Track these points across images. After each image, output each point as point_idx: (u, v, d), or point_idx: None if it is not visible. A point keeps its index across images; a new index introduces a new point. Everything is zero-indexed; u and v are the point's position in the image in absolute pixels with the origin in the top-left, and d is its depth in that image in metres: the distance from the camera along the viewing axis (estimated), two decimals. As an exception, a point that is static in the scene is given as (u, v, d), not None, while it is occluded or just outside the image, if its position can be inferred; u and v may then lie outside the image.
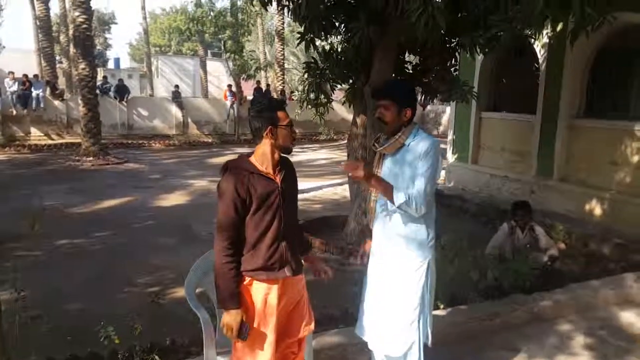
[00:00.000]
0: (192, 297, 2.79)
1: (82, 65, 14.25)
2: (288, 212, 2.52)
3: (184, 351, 3.59)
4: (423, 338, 2.80)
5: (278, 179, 2.48)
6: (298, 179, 2.69)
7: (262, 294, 2.48)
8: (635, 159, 6.93)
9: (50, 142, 17.76)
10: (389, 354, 2.80)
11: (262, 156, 2.47)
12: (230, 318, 2.40)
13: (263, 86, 23.06)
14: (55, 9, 29.42)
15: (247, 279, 2.47)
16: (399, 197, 2.57)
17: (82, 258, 6.21)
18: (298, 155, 16.84)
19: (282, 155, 2.53)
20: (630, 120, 7.17)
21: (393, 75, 6.11)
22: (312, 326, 2.71)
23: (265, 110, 2.44)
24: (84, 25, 14.11)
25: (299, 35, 6.26)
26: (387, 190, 2.62)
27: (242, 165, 2.45)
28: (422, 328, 2.78)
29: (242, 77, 24.28)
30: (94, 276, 5.60)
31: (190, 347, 3.63)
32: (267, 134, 2.43)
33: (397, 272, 2.75)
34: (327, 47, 6.68)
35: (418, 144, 2.65)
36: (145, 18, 35.71)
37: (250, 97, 21.40)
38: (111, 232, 7.28)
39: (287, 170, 2.57)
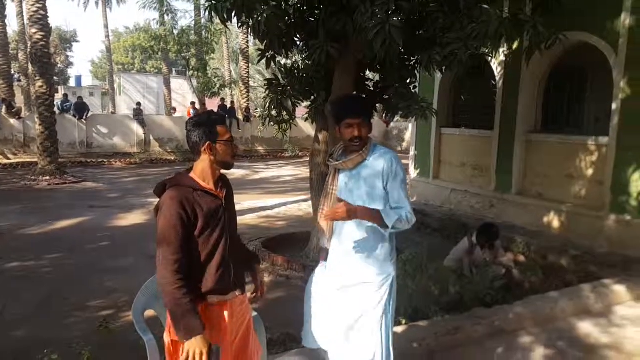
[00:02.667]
0: (140, 320, 2.67)
1: (39, 83, 13.91)
2: (232, 229, 2.42)
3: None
4: (386, 357, 2.76)
5: (222, 195, 2.39)
6: (262, 196, 2.61)
7: (215, 318, 2.34)
8: (590, 172, 7.13)
9: (6, 161, 17.21)
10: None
11: (202, 172, 2.35)
12: (196, 345, 2.16)
13: (228, 104, 22.95)
14: (14, 25, 28.76)
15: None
16: (391, 218, 2.53)
17: (31, 281, 5.96)
18: (263, 172, 16.76)
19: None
20: (585, 135, 7.40)
21: (354, 92, 6.15)
22: (263, 348, 2.63)
23: (203, 125, 2.32)
24: (42, 43, 13.81)
25: (260, 52, 6.26)
26: (374, 216, 2.55)
27: (184, 182, 2.31)
28: (384, 345, 2.73)
29: (206, 95, 24.12)
30: (43, 300, 5.37)
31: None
32: (205, 150, 2.32)
33: (360, 291, 2.70)
34: (289, 65, 6.69)
35: (378, 160, 2.65)
36: (107, 36, 35.35)
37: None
38: (64, 254, 7.02)
39: (227, 186, 2.47)
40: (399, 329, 4.05)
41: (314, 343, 2.85)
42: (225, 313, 2.36)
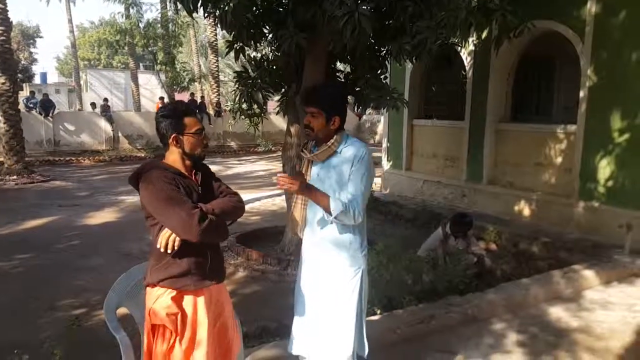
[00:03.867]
0: (112, 318, 2.61)
1: (1, 80, 13.46)
2: None
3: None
4: (359, 349, 2.74)
5: (197, 180, 2.36)
6: (236, 191, 2.54)
7: (191, 305, 2.31)
8: (559, 160, 7.24)
9: (-31, 161, 16.62)
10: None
11: (172, 162, 2.33)
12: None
13: (198, 98, 22.64)
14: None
15: (174, 292, 2.28)
16: (337, 207, 2.49)
17: (1, 281, 5.78)
18: (236, 168, 16.61)
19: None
20: (553, 123, 7.51)
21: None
22: (240, 342, 2.59)
23: (169, 117, 2.28)
24: (2, 37, 13.35)
25: (228, 43, 6.15)
26: (324, 200, 2.52)
27: (160, 166, 2.30)
28: (357, 338, 2.71)
29: (175, 90, 23.75)
30: (12, 301, 5.21)
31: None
32: (172, 142, 2.28)
33: (331, 283, 2.68)
34: (258, 57, 6.60)
35: (349, 151, 2.60)
36: (72, 31, 34.44)
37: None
38: (34, 254, 6.83)
39: (205, 174, 2.43)
40: (374, 319, 4.05)
41: (295, 348, 2.83)
42: (200, 300, 2.32)
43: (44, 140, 18.79)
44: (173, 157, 2.32)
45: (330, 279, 2.67)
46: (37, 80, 45.11)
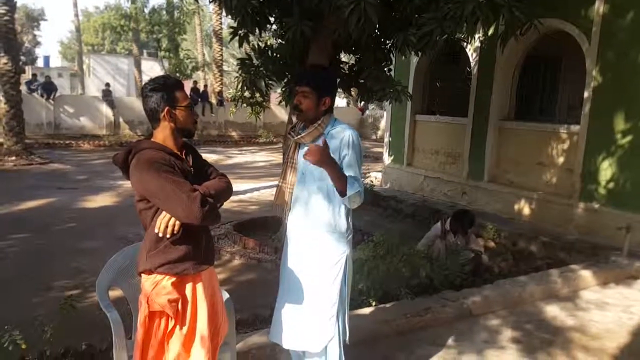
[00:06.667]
0: (103, 297, 2.57)
1: (3, 60, 13.38)
2: None
3: (102, 356, 3.35)
4: (342, 335, 2.71)
5: (189, 161, 2.28)
6: (235, 181, 2.48)
7: (190, 290, 2.26)
8: (561, 160, 7.21)
9: (-31, 142, 16.60)
10: (309, 349, 2.69)
11: (164, 141, 2.22)
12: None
13: (201, 87, 22.55)
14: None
15: (173, 277, 2.21)
16: (353, 188, 2.48)
17: (-4, 261, 5.77)
18: (236, 157, 16.58)
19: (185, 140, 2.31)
20: (557, 123, 7.47)
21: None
22: (229, 325, 2.56)
23: (160, 90, 2.18)
24: (5, 17, 13.26)
25: (232, 30, 6.10)
26: (341, 178, 2.49)
27: (151, 146, 2.18)
28: (341, 323, 2.70)
29: (178, 77, 23.68)
30: (8, 280, 5.20)
31: (109, 351, 3.39)
32: (164, 117, 2.18)
33: (315, 266, 2.66)
34: (262, 44, 6.55)
35: (337, 134, 2.59)
36: (77, 15, 34.36)
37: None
38: (30, 235, 6.81)
39: (194, 154, 2.35)
40: (369, 310, 4.03)
41: (276, 336, 2.80)
42: (199, 284, 2.28)
43: (44, 123, 18.73)
44: (164, 134, 2.22)
45: (314, 261, 2.66)
46: (39, 63, 45.03)
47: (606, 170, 6.52)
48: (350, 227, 2.72)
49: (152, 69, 35.50)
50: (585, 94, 6.69)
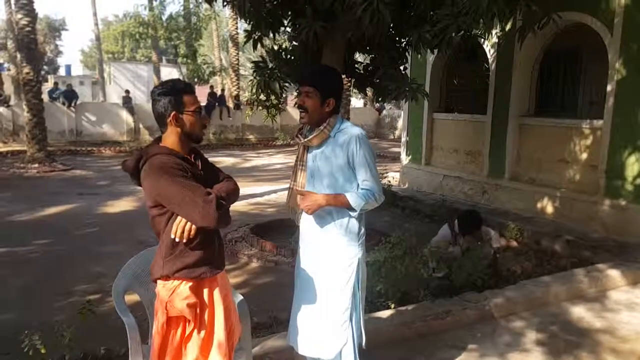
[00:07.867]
0: (120, 301, 2.57)
1: (26, 70, 13.66)
2: None
3: (120, 360, 3.35)
4: (357, 338, 2.65)
5: (198, 165, 2.26)
6: (252, 183, 2.47)
7: (207, 293, 2.25)
8: (584, 156, 7.02)
9: (-5, 150, 16.95)
10: (321, 356, 2.64)
11: (172, 145, 2.20)
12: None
13: (218, 91, 22.68)
14: (2, 14, 28.39)
15: (190, 282, 2.19)
16: (357, 201, 2.49)
17: (19, 266, 5.84)
18: (254, 160, 16.62)
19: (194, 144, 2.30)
20: (579, 118, 7.28)
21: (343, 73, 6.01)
22: (242, 327, 2.54)
23: (168, 94, 2.16)
24: (27, 28, 13.54)
25: (246, 33, 6.09)
26: (342, 201, 2.51)
27: (162, 151, 2.17)
28: (355, 327, 2.65)
29: (196, 83, 23.86)
30: (30, 285, 5.26)
31: (127, 355, 3.38)
32: (171, 121, 2.16)
33: (326, 271, 2.62)
34: (276, 47, 6.53)
35: (343, 136, 2.55)
36: (97, 24, 34.86)
37: (203, 103, 21.04)
38: (52, 240, 6.89)
39: (202, 159, 2.33)
40: (388, 313, 3.96)
41: (293, 340, 2.77)
42: (216, 287, 2.28)
43: (66, 130, 19.03)
44: (172, 139, 2.20)
45: (325, 265, 2.63)
46: (61, 72, 45.82)
47: (632, 165, 6.32)
48: (363, 230, 2.66)
49: (171, 75, 35.81)
50: (609, 88, 6.50)
